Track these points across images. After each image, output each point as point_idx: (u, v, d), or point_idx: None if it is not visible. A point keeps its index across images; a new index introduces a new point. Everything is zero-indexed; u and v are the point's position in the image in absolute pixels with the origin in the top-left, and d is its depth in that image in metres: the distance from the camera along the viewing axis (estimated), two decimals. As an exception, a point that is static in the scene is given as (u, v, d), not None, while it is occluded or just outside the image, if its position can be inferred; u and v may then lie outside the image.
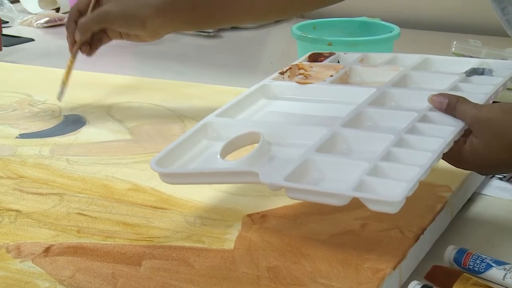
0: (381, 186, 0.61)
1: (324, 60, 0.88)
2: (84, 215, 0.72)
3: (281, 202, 0.74)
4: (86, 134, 0.93)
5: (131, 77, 1.17)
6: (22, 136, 0.93)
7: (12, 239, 0.67)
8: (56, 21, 1.62)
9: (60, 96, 0.99)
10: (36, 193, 0.77)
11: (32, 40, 1.49)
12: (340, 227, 0.69)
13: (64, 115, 1.00)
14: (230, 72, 1.29)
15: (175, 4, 0.95)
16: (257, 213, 0.72)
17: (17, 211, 0.73)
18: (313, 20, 1.11)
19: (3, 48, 1.35)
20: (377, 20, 1.18)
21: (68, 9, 1.63)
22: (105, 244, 0.67)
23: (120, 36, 0.99)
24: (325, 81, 0.82)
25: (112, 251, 0.65)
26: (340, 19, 1.11)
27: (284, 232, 0.68)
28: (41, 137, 0.92)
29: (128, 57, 1.45)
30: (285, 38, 1.52)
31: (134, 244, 0.67)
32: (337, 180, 0.63)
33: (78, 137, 0.92)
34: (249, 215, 0.71)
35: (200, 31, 1.53)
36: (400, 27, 1.09)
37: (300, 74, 0.86)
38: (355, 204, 0.61)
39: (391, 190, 0.60)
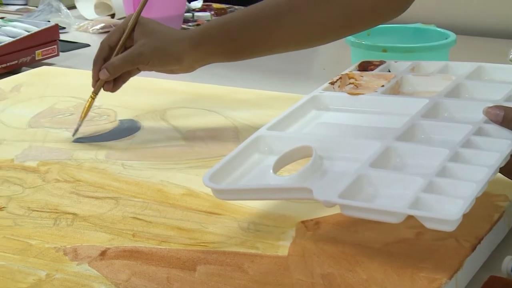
0: (437, 203, 0.61)
1: (375, 68, 0.88)
2: (139, 219, 0.73)
3: (335, 209, 0.73)
4: (141, 139, 0.94)
5: (184, 82, 1.18)
6: (78, 140, 0.94)
7: (69, 242, 0.68)
8: (111, 26, 1.64)
9: (75, 132, 0.94)
10: (92, 197, 0.78)
11: (88, 45, 1.51)
12: (395, 235, 0.68)
13: (119, 120, 1.01)
14: (283, 78, 1.29)
15: (211, 37, 0.92)
16: (311, 220, 0.72)
17: (74, 214, 0.74)
18: (367, 27, 1.11)
19: (60, 53, 1.37)
20: (432, 27, 1.17)
21: (123, 15, 1.65)
22: (160, 248, 0.67)
23: (152, 69, 0.95)
24: (376, 91, 0.82)
25: (167, 256, 0.66)
26: (394, 26, 1.10)
27: (339, 239, 0.68)
28: (97, 142, 0.93)
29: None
30: (338, 44, 1.51)
31: (189, 249, 0.67)
32: (392, 197, 0.63)
33: (133, 142, 0.93)
34: (303, 222, 0.71)
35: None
36: (455, 33, 1.08)
37: (350, 83, 0.85)
38: (411, 212, 0.60)
39: (447, 207, 0.59)
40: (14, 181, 0.82)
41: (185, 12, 1.64)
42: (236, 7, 1.82)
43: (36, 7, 1.73)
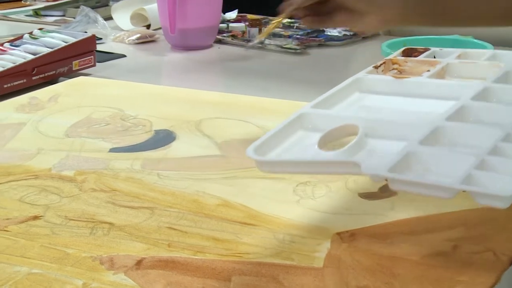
0: (489, 181, 0.58)
1: (419, 55, 0.87)
2: (175, 229, 0.73)
3: (371, 221, 0.73)
4: (176, 149, 0.95)
5: (219, 93, 1.19)
6: (114, 150, 0.95)
7: (106, 251, 0.69)
8: (146, 37, 1.66)
9: (252, 42, 0.90)
10: (128, 206, 0.78)
11: (124, 56, 1.53)
12: (431, 248, 0.68)
13: (155, 130, 1.01)
14: (316, 89, 1.28)
15: None
16: (346, 231, 0.71)
17: (110, 223, 0.75)
18: (403, 38, 1.10)
19: (97, 63, 1.38)
20: (470, 38, 1.16)
21: (158, 25, 1.66)
22: (195, 258, 0.67)
23: (343, 15, 0.91)
24: (421, 76, 0.80)
25: (202, 266, 0.66)
26: (431, 37, 1.09)
27: (374, 251, 0.68)
28: (133, 151, 0.94)
29: (215, 73, 1.47)
30: (373, 55, 1.51)
31: (224, 259, 0.67)
32: (442, 174, 0.60)
33: (169, 152, 0.94)
34: (338, 234, 0.71)
35: (286, 48, 1.54)
36: (493, 45, 1.07)
37: (394, 69, 0.84)
38: (447, 224, 0.60)
39: (501, 184, 0.57)
40: (51, 190, 0.82)
41: (220, 23, 1.65)
42: (270, 17, 1.83)
43: (74, 18, 1.76)
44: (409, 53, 0.87)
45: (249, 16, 1.85)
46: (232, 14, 1.83)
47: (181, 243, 0.70)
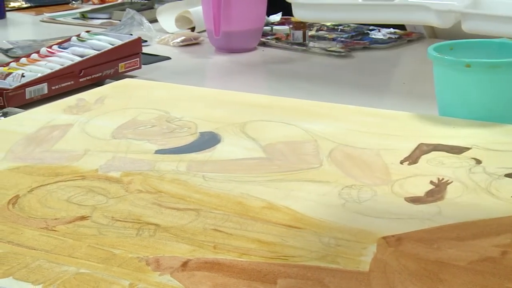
0: None
1: None
2: (220, 231, 0.73)
3: (417, 225, 0.73)
4: (221, 151, 0.95)
5: (264, 95, 1.19)
6: (160, 151, 0.96)
7: (152, 252, 0.69)
8: (191, 40, 1.67)
9: None
10: (174, 208, 0.79)
11: (169, 58, 1.54)
12: (479, 253, 0.67)
13: (200, 132, 1.02)
14: (361, 92, 1.28)
15: None
16: (392, 236, 0.71)
17: (156, 225, 0.75)
18: (450, 41, 1.09)
19: (142, 66, 1.40)
20: (517, 41, 1.15)
21: (203, 28, 1.67)
22: (241, 261, 0.68)
23: None
24: None
25: (248, 268, 0.66)
26: (479, 40, 1.08)
27: (421, 256, 0.67)
28: (178, 153, 0.94)
29: (260, 76, 1.47)
30: (419, 59, 1.50)
31: (269, 262, 0.67)
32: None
33: (214, 154, 0.94)
34: (384, 238, 0.71)
35: (330, 51, 1.53)
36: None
37: None
38: (495, 230, 0.59)
39: None
40: (98, 191, 0.83)
41: (264, 26, 1.66)
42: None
43: (119, 20, 1.78)
44: None
45: (293, 18, 1.85)
46: (276, 17, 1.84)
47: (227, 245, 0.70)
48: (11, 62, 1.31)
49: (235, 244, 0.71)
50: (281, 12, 1.85)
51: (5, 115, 1.13)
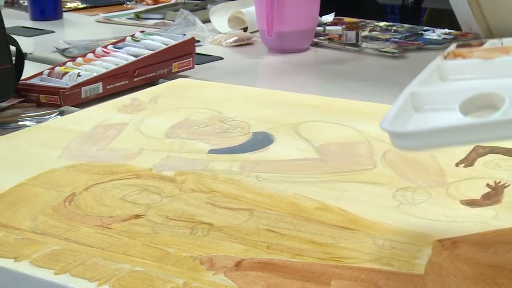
0: None
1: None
2: (273, 231, 0.73)
3: (473, 229, 0.72)
4: (274, 151, 0.95)
5: (317, 96, 1.19)
6: (213, 151, 0.96)
7: (205, 252, 0.70)
8: (244, 40, 1.67)
9: None
10: (227, 208, 0.79)
11: (222, 58, 1.55)
12: (538, 258, 0.66)
13: (253, 133, 1.02)
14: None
15: None
16: (448, 239, 0.70)
17: (210, 224, 0.76)
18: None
19: (195, 66, 1.40)
20: None
21: (256, 28, 1.68)
22: (294, 261, 0.67)
23: None
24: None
25: (301, 269, 0.66)
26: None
27: (477, 260, 0.66)
28: (231, 153, 0.95)
29: (312, 76, 1.47)
30: (474, 59, 1.48)
31: (323, 263, 0.67)
32: None
33: (267, 155, 0.94)
34: (439, 241, 0.70)
35: (384, 51, 1.52)
36: None
37: None
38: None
39: None
40: (152, 190, 0.84)
41: (317, 26, 1.65)
42: (367, 21, 1.81)
43: (173, 21, 1.79)
44: (462, 47, 0.79)
45: (346, 19, 1.85)
46: (329, 17, 1.83)
47: (280, 245, 0.70)
48: (67, 61, 1.33)
49: (289, 245, 0.70)
50: (334, 13, 1.84)
51: (61, 113, 1.15)
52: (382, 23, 1.78)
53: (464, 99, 0.63)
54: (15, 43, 1.23)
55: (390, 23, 1.79)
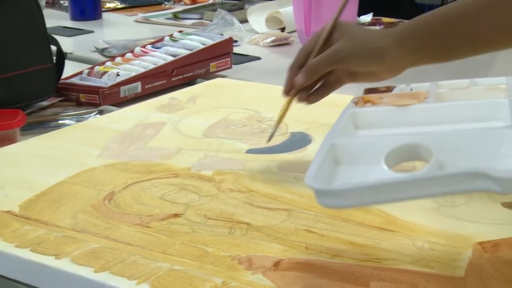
0: None
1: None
2: (312, 232, 0.73)
3: (515, 231, 0.71)
4: (312, 151, 0.95)
5: (353, 96, 1.18)
6: (251, 151, 0.96)
7: (244, 251, 0.70)
8: (281, 40, 1.67)
9: (269, 138, 0.90)
10: (265, 208, 0.79)
11: (259, 58, 1.55)
12: None
13: (291, 133, 1.02)
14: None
15: (416, 31, 0.84)
16: (489, 241, 0.69)
17: (248, 224, 0.76)
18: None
19: (233, 65, 1.41)
20: None
21: (293, 28, 1.67)
22: (333, 262, 0.67)
23: (352, 78, 0.87)
24: (424, 101, 0.72)
25: (340, 270, 0.66)
26: None
27: (519, 263, 0.65)
28: (269, 153, 0.95)
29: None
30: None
31: (362, 264, 0.67)
32: None
33: (305, 155, 0.94)
34: (480, 243, 0.69)
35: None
36: None
37: None
38: None
39: None
40: (191, 189, 0.84)
41: (355, 26, 1.64)
42: (405, 21, 1.80)
43: (211, 21, 1.79)
44: (370, 93, 0.79)
45: (384, 19, 1.83)
46: (367, 17, 1.82)
47: (319, 246, 0.70)
48: (106, 61, 1.34)
49: (327, 245, 0.70)
50: (372, 13, 1.83)
51: (100, 112, 1.16)
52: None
53: (389, 150, 0.62)
54: (56, 43, 1.25)
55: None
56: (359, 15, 1.74)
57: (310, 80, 0.86)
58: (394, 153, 0.62)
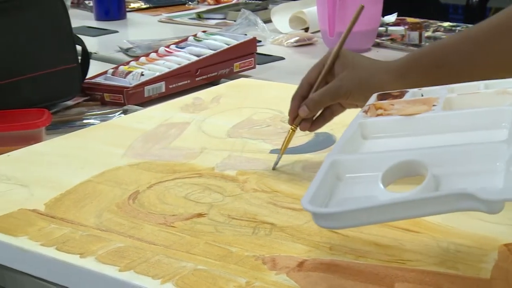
0: None
1: (394, 99, 0.78)
2: (336, 232, 0.73)
3: (541, 233, 0.70)
4: (336, 152, 0.94)
5: (379, 97, 1.17)
6: (275, 151, 0.96)
7: (268, 251, 0.70)
8: (305, 40, 1.67)
9: (275, 166, 0.90)
10: (289, 208, 0.79)
11: (283, 58, 1.54)
12: None
13: (315, 133, 1.01)
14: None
15: (417, 65, 0.86)
16: (515, 243, 0.69)
17: (272, 224, 0.76)
18: None
19: (256, 65, 1.41)
20: None
21: (317, 28, 1.67)
22: (357, 263, 0.67)
23: (354, 105, 0.89)
24: (433, 109, 0.72)
25: (364, 271, 0.65)
26: None
27: (545, 265, 0.65)
28: (293, 153, 0.94)
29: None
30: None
31: (386, 265, 0.66)
32: None
33: (329, 155, 0.94)
34: (506, 245, 0.68)
35: None
36: None
37: (379, 115, 0.76)
38: None
39: None
40: (214, 189, 0.85)
41: (379, 26, 1.64)
42: (431, 21, 1.79)
43: (234, 21, 1.80)
44: (383, 98, 0.79)
45: (409, 19, 1.82)
46: (392, 17, 1.81)
47: (343, 247, 0.70)
48: (131, 61, 1.34)
49: (351, 246, 0.70)
50: (396, 13, 1.82)
51: (124, 112, 1.17)
52: (445, 24, 1.75)
53: (385, 169, 0.63)
54: (82, 43, 1.26)
55: (454, 23, 1.76)
56: (383, 15, 1.73)
57: (313, 113, 0.89)
58: (391, 171, 0.64)
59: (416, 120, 0.72)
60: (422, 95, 0.78)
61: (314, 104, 0.88)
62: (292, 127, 0.90)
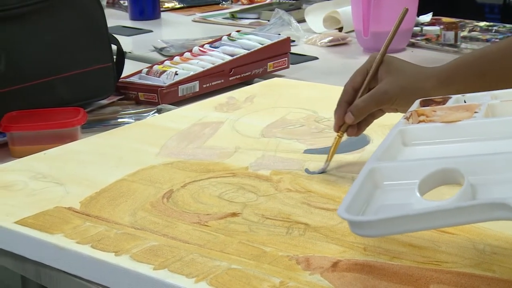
0: None
1: (438, 105, 0.77)
2: (370, 233, 0.72)
3: None
4: (370, 152, 0.93)
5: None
6: (309, 151, 0.96)
7: (302, 252, 0.70)
8: (339, 40, 1.66)
9: (322, 170, 0.89)
10: (323, 208, 0.79)
11: (316, 58, 1.54)
12: None
13: (349, 133, 1.01)
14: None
15: (461, 73, 0.86)
16: (552, 246, 0.68)
17: (306, 224, 0.75)
18: None
19: (290, 65, 1.41)
20: None
21: (351, 28, 1.67)
22: (392, 264, 0.67)
23: (395, 110, 0.90)
24: (474, 116, 0.72)
25: (399, 272, 0.65)
26: None
27: None
28: (327, 154, 0.94)
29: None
30: None
31: (421, 267, 0.66)
32: None
33: (363, 155, 0.93)
34: (543, 247, 0.68)
35: None
36: None
37: (421, 121, 0.75)
38: None
39: None
40: (248, 188, 0.85)
41: (414, 26, 1.63)
42: (467, 21, 1.77)
43: (268, 20, 1.80)
44: (426, 104, 0.79)
45: (444, 19, 1.81)
46: (426, 17, 1.80)
47: (377, 247, 0.70)
48: (165, 60, 1.35)
49: (386, 247, 0.70)
50: (431, 13, 1.81)
51: (159, 111, 1.17)
52: (482, 23, 1.74)
53: (422, 178, 0.63)
54: (117, 42, 1.26)
55: (491, 23, 1.74)
56: (418, 15, 1.72)
57: (359, 119, 0.89)
58: (428, 179, 0.64)
59: (457, 127, 0.72)
60: (465, 101, 0.78)
61: (359, 111, 0.88)
62: (339, 134, 0.90)
